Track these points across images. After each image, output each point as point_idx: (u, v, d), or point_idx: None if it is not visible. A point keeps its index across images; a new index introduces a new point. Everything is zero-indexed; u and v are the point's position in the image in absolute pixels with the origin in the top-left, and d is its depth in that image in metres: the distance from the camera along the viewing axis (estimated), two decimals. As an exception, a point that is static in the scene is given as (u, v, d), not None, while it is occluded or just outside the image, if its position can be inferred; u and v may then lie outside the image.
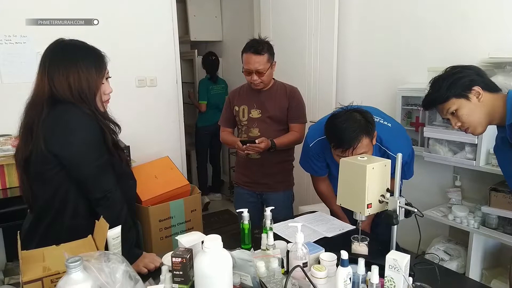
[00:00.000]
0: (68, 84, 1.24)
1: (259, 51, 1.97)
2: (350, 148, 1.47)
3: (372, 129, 1.52)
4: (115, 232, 1.16)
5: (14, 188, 2.25)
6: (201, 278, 0.98)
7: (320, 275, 1.12)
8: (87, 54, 1.32)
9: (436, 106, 1.35)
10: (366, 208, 1.22)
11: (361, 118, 1.51)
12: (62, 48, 1.32)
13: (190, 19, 4.31)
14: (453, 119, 1.32)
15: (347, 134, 1.47)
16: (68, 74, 1.24)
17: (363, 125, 1.49)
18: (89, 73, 1.28)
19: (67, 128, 1.22)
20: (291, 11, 3.06)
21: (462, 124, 1.31)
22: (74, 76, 1.25)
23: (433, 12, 2.23)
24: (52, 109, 1.22)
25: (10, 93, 2.50)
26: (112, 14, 2.76)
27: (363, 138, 1.48)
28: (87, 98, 1.26)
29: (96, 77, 1.30)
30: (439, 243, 2.16)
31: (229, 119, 2.22)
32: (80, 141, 1.23)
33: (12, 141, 2.28)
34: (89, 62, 1.29)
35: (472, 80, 1.27)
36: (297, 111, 2.09)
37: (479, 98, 1.26)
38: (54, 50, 1.31)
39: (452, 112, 1.30)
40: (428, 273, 1.23)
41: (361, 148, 1.48)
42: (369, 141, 1.51)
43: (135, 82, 2.93)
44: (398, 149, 1.47)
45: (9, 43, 2.45)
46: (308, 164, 1.83)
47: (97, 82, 1.31)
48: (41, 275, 0.96)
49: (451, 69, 1.33)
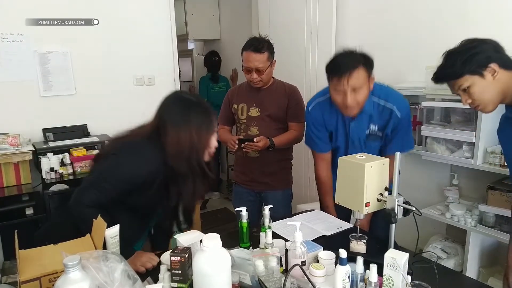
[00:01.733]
0: (177, 139, 1.29)
1: (259, 49, 1.96)
2: (346, 74, 1.46)
3: (370, 66, 1.53)
4: (113, 231, 1.16)
5: (11, 187, 2.24)
6: (199, 277, 0.98)
7: (318, 273, 1.12)
8: (201, 112, 1.35)
9: (448, 82, 1.28)
10: (365, 207, 1.22)
11: (360, 53, 1.53)
12: (178, 101, 1.36)
13: (188, 17, 4.31)
14: (464, 96, 1.24)
15: (344, 60, 1.50)
16: (179, 130, 1.30)
17: (361, 58, 1.52)
18: (200, 132, 1.32)
19: (128, 148, 1.30)
20: (289, 10, 3.06)
21: (473, 102, 1.24)
22: (185, 134, 1.30)
23: (431, 11, 2.23)
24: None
25: (7, 92, 2.49)
26: (112, 13, 2.76)
27: (359, 68, 1.48)
28: (188, 155, 1.31)
29: (206, 135, 1.34)
30: (436, 241, 2.16)
31: (227, 117, 2.22)
32: (118, 163, 1.29)
33: (9, 140, 2.27)
34: (201, 121, 1.33)
35: (488, 56, 1.19)
36: (296, 110, 2.09)
37: (494, 76, 1.18)
38: (171, 102, 1.37)
39: (464, 88, 1.22)
40: (426, 272, 1.23)
41: (356, 78, 1.47)
42: (365, 76, 1.50)
43: (133, 80, 2.92)
44: (397, 100, 1.61)
45: (6, 41, 2.44)
46: (308, 135, 1.80)
47: (207, 140, 1.35)
48: (39, 274, 0.95)
49: (468, 43, 1.23)
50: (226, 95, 2.24)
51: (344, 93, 1.51)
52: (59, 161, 2.31)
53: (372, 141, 1.68)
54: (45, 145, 2.41)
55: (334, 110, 1.68)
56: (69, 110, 2.69)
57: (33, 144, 2.42)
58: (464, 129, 1.93)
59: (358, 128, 1.66)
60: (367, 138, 1.67)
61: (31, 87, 2.56)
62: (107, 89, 2.81)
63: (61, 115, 2.66)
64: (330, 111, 1.69)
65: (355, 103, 1.52)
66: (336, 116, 1.69)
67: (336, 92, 1.53)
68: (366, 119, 1.64)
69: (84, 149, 2.38)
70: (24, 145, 2.33)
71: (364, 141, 1.68)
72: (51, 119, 2.61)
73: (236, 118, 2.17)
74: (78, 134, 2.62)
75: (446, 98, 1.99)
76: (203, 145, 1.33)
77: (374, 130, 1.65)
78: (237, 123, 2.20)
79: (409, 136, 1.69)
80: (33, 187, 2.24)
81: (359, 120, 1.64)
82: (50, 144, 2.42)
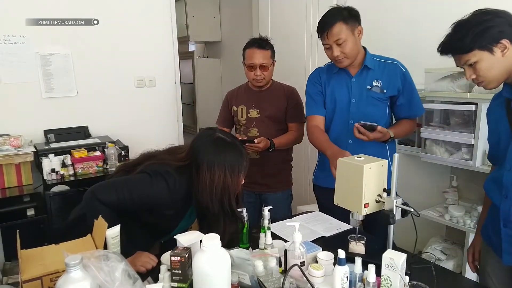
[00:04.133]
0: (212, 180, 1.31)
1: (263, 46, 2.01)
2: (326, 29, 1.63)
3: (352, 18, 1.66)
4: (114, 231, 1.17)
5: (13, 188, 2.26)
6: (199, 277, 0.99)
7: (317, 274, 1.13)
8: (235, 154, 1.36)
9: (454, 55, 1.21)
10: (363, 208, 1.23)
11: (343, 8, 1.68)
12: (215, 142, 1.37)
13: (189, 19, 4.32)
14: (469, 71, 1.18)
15: (325, 18, 1.67)
16: (214, 172, 1.32)
17: (343, 12, 1.65)
18: (233, 175, 1.34)
19: (161, 175, 1.32)
20: (289, 12, 3.07)
21: (477, 77, 1.18)
22: (219, 177, 1.32)
23: (430, 13, 2.25)
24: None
25: (9, 93, 2.50)
26: (112, 14, 2.78)
27: (339, 22, 1.62)
28: (221, 197, 1.34)
29: (237, 177, 1.36)
30: (435, 243, 2.17)
31: (226, 119, 2.22)
32: (147, 183, 1.31)
33: (11, 141, 2.28)
34: (235, 164, 1.35)
35: (501, 32, 1.10)
36: (296, 111, 2.11)
37: (504, 53, 1.12)
38: (207, 142, 1.37)
39: (471, 64, 1.16)
40: (424, 272, 1.24)
41: (337, 33, 1.62)
42: (346, 29, 1.63)
43: (134, 82, 2.94)
44: (399, 61, 1.75)
45: (8, 43, 2.46)
46: (306, 101, 1.90)
47: (238, 182, 1.37)
48: (40, 273, 0.96)
49: (481, 15, 1.14)
50: (225, 97, 2.25)
51: (330, 47, 1.67)
52: (60, 162, 2.32)
53: (376, 99, 1.73)
54: (47, 146, 2.42)
55: (332, 72, 1.81)
56: (70, 111, 2.70)
57: (34, 145, 2.44)
58: (463, 131, 1.94)
59: (360, 83, 1.75)
60: (369, 92, 1.73)
61: (33, 89, 2.58)
62: (108, 91, 2.83)
63: (63, 117, 2.67)
64: (327, 71, 1.84)
65: (342, 55, 1.67)
66: (336, 75, 1.80)
67: (325, 47, 1.70)
68: (367, 74, 1.74)
69: (85, 150, 2.39)
70: (26, 146, 2.35)
71: (365, 97, 1.74)
72: (53, 121, 2.63)
73: (235, 120, 2.18)
74: (79, 135, 2.64)
75: (445, 100, 2.01)
76: (235, 187, 1.36)
77: (378, 85, 1.73)
78: (236, 125, 2.20)
79: (418, 97, 1.78)
80: (34, 188, 2.25)
81: (360, 75, 1.75)
82: (51, 146, 2.44)
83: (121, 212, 1.31)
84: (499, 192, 1.24)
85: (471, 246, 1.53)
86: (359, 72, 1.75)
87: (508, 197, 1.21)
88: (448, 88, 1.98)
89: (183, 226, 1.49)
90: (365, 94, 1.73)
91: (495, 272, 1.35)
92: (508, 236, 1.23)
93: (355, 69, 1.76)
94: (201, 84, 4.57)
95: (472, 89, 1.89)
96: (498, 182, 1.24)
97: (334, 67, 1.80)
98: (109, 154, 2.42)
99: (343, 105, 1.77)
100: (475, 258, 1.51)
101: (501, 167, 1.25)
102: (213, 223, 1.38)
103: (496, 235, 1.27)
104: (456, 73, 1.98)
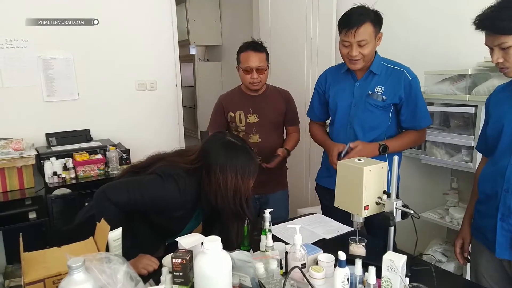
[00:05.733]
0: (224, 183, 1.32)
1: (258, 49, 1.99)
2: (354, 27, 1.57)
3: (378, 23, 1.63)
4: (116, 234, 1.17)
5: (15, 191, 2.26)
6: (201, 279, 1.00)
7: (318, 276, 1.13)
8: (246, 157, 1.37)
9: (491, 33, 1.12)
10: (363, 210, 1.24)
11: (371, 10, 1.63)
12: (225, 145, 1.37)
13: (189, 23, 4.34)
14: (497, 54, 1.12)
15: (354, 15, 1.59)
16: (227, 175, 1.32)
17: (371, 14, 1.61)
18: (244, 177, 1.34)
19: (172, 177, 1.32)
20: (289, 15, 3.08)
21: (504, 63, 1.12)
22: (231, 180, 1.33)
23: (429, 16, 2.26)
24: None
25: (11, 97, 2.52)
26: (114, 19, 2.80)
27: (367, 23, 1.58)
28: (233, 199, 1.34)
29: (248, 180, 1.36)
30: (436, 245, 2.17)
31: (221, 125, 2.13)
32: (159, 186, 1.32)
33: (13, 144, 2.29)
34: (246, 166, 1.35)
35: None
36: (294, 113, 2.13)
37: None
38: (218, 145, 1.38)
39: (504, 47, 1.10)
40: (425, 274, 1.24)
41: (363, 33, 1.58)
42: (372, 32, 1.60)
43: (135, 85, 2.95)
44: (408, 68, 1.71)
45: (11, 47, 2.48)
46: (309, 104, 1.96)
47: (249, 184, 1.38)
48: (43, 276, 0.97)
49: None
50: (219, 102, 2.15)
51: (350, 45, 1.61)
52: (62, 166, 2.33)
53: (373, 106, 1.70)
54: (48, 150, 2.43)
55: (339, 72, 1.81)
56: (72, 115, 2.72)
57: (36, 148, 2.45)
58: (463, 133, 1.94)
59: (362, 88, 1.73)
60: (367, 98, 1.71)
61: (34, 93, 2.59)
62: (110, 94, 2.84)
63: (64, 120, 2.68)
64: (335, 72, 1.84)
65: (360, 56, 1.63)
66: (342, 76, 1.80)
67: (344, 44, 1.64)
68: (372, 79, 1.72)
69: (86, 153, 2.40)
70: (28, 150, 2.36)
71: (363, 103, 1.72)
72: (54, 124, 2.64)
73: (233, 126, 2.10)
74: (81, 138, 2.65)
75: (445, 102, 2.01)
76: (246, 189, 1.37)
77: (379, 92, 1.70)
78: (233, 131, 2.11)
79: (424, 108, 1.73)
80: (36, 191, 2.26)
81: (365, 80, 1.73)
82: (53, 149, 2.45)
83: (130, 213, 1.32)
84: (498, 185, 1.23)
85: (459, 238, 1.49)
86: (364, 76, 1.73)
87: (509, 191, 1.20)
88: (447, 91, 1.99)
89: (190, 228, 1.49)
90: (364, 99, 1.71)
91: (488, 271, 1.36)
92: (504, 229, 1.23)
93: (361, 73, 1.74)
94: (202, 87, 4.59)
95: (471, 91, 1.90)
96: (500, 174, 1.22)
97: (343, 67, 1.78)
98: (110, 157, 2.43)
99: (344, 109, 1.77)
100: (465, 250, 1.48)
101: (501, 159, 1.23)
102: (228, 225, 1.38)
103: (490, 229, 1.27)
104: (455, 75, 1.99)
